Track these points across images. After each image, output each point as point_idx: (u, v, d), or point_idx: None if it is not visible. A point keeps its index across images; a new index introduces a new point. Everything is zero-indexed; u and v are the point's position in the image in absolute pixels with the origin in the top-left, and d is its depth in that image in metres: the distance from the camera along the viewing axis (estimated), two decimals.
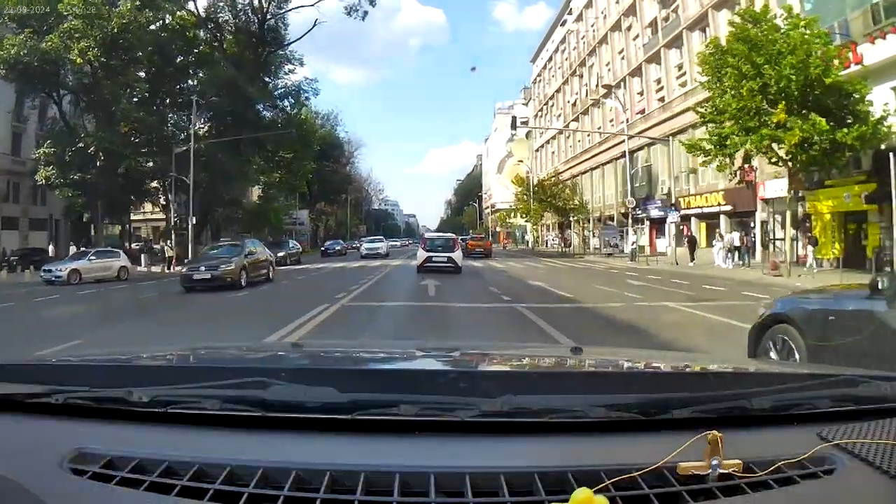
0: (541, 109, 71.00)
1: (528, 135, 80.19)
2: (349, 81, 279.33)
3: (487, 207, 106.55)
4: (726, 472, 0.87)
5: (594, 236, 48.26)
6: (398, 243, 73.03)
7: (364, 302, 12.93)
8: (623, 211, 42.67)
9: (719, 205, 29.56)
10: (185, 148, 31.82)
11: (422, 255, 21.68)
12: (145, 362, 1.58)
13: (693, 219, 32.36)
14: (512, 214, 74.03)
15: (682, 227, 34.03)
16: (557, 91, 62.55)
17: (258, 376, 1.14)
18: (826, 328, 4.04)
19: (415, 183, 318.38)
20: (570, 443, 1.00)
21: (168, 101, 36.19)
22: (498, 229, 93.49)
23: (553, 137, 65.55)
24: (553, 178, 46.17)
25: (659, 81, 38.44)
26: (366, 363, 1.71)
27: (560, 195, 44.07)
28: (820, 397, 1.14)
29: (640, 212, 39.52)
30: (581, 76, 54.18)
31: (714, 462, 0.87)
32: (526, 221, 56.20)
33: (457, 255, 21.67)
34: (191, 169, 30.84)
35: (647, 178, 38.39)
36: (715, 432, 0.87)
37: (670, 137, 31.23)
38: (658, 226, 37.57)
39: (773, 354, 4.36)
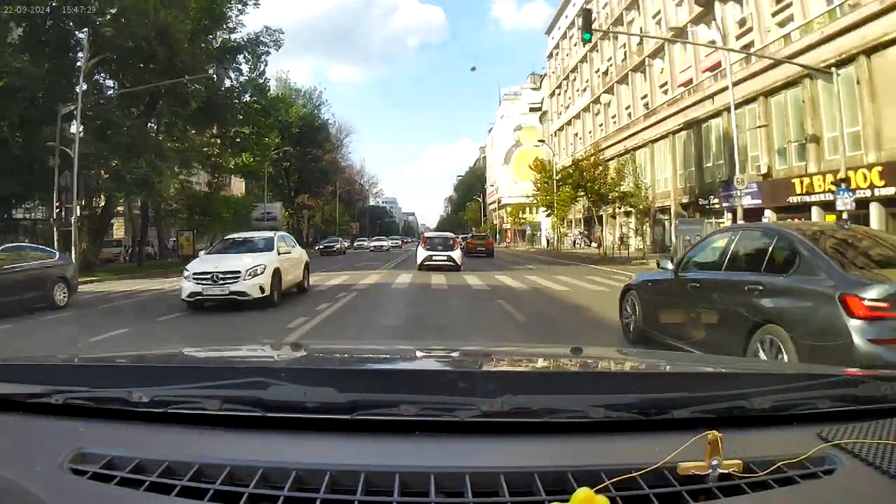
0: (559, 86, 60.70)
1: (542, 118, 70.35)
2: (348, 79, 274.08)
3: (493, 203, 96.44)
4: (726, 472, 0.87)
5: (636, 234, 38.03)
6: (385, 244, 57.15)
7: None
8: (686, 200, 32.52)
9: (871, 186, 19.45)
10: (73, 107, 21.72)
11: (422, 253, 21.57)
12: (145, 362, 1.57)
13: (814, 208, 22.43)
14: (527, 209, 63.82)
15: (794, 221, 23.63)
16: (582, 60, 52.37)
17: (258, 376, 1.14)
18: (647, 291, 7.00)
19: (414, 181, 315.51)
20: (570, 443, 0.99)
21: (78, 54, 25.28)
22: (505, 226, 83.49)
23: (576, 116, 55.23)
24: (592, 158, 35.92)
25: (743, 23, 28.28)
26: (366, 363, 1.69)
27: (602, 179, 33.76)
28: (820, 397, 1.13)
29: (715, 200, 29.31)
30: (616, 37, 44.04)
31: (714, 462, 0.86)
32: (548, 215, 45.82)
33: (456, 253, 21.44)
34: (76, 135, 20.78)
35: (727, 153, 28.20)
36: (715, 432, 0.87)
37: (834, 70, 20.72)
38: (748, 219, 27.43)
39: (628, 309, 7.30)
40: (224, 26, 30.24)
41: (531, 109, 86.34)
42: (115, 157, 23.53)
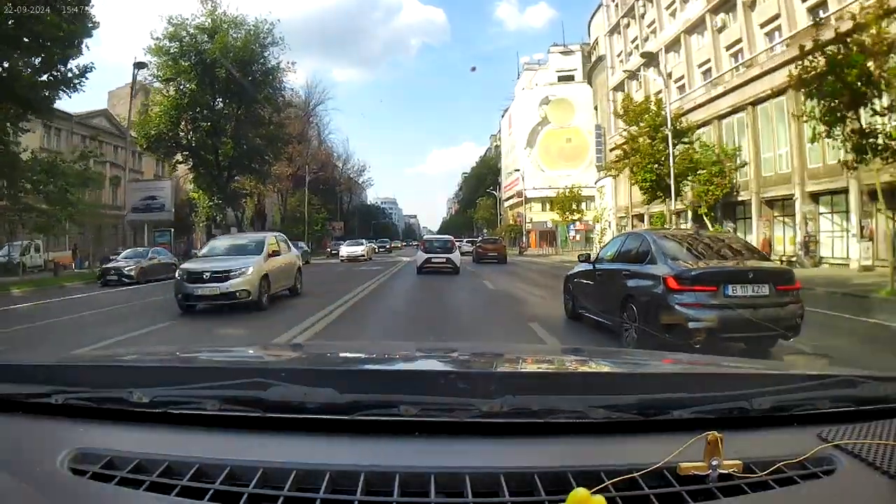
0: (629, 11, 40.18)
1: (591, 72, 50.57)
2: (349, 80, 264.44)
3: (511, 197, 75.66)
4: (726, 472, 0.87)
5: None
6: (357, 250, 35.77)
7: None
8: None
9: None
10: None
11: (421, 256, 21.56)
12: (145, 363, 1.56)
13: None
14: (582, 203, 43.84)
15: None
16: None
17: (258, 377, 1.13)
18: (575, 277, 9.12)
19: (416, 184, 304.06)
20: (569, 443, 0.99)
21: None
22: (530, 224, 64.12)
23: (671, 47, 34.37)
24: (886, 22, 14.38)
25: None
26: (366, 364, 1.67)
27: None
28: (820, 398, 1.13)
29: None
30: None
31: (714, 462, 0.86)
32: (649, 198, 24.82)
33: (454, 255, 21.37)
34: None
35: None
36: (715, 433, 0.87)
37: None
38: None
39: (566, 293, 9.48)
40: None
41: (561, 78, 69.51)
42: None
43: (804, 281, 8.53)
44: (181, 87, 33.71)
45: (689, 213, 26.51)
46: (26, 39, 18.16)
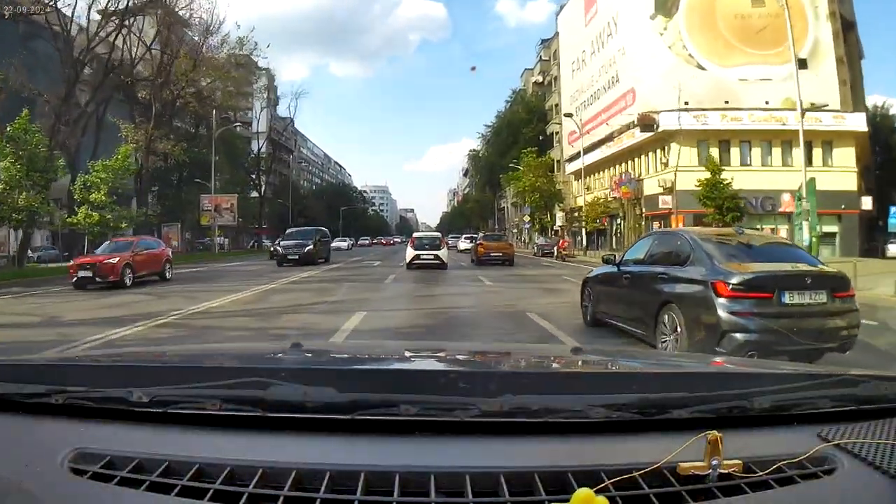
0: None
1: None
2: (349, 75, 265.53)
3: (597, 146, 40.78)
4: (726, 472, 0.87)
5: None
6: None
7: None
8: None
9: None
10: None
11: (410, 253, 21.96)
12: (145, 362, 1.57)
13: None
14: None
15: None
16: None
17: (258, 376, 1.14)
18: (597, 281, 8.47)
19: (415, 179, 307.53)
20: (570, 443, 1.00)
21: None
22: (668, 199, 31.92)
23: None
24: None
25: None
26: (366, 363, 1.68)
27: None
28: (820, 397, 1.13)
29: None
30: None
31: (714, 462, 0.87)
32: None
33: (443, 252, 21.88)
34: None
35: None
36: (715, 432, 0.87)
37: None
38: None
39: (586, 297, 8.72)
40: None
41: None
42: None
43: None
44: None
45: None
46: None
